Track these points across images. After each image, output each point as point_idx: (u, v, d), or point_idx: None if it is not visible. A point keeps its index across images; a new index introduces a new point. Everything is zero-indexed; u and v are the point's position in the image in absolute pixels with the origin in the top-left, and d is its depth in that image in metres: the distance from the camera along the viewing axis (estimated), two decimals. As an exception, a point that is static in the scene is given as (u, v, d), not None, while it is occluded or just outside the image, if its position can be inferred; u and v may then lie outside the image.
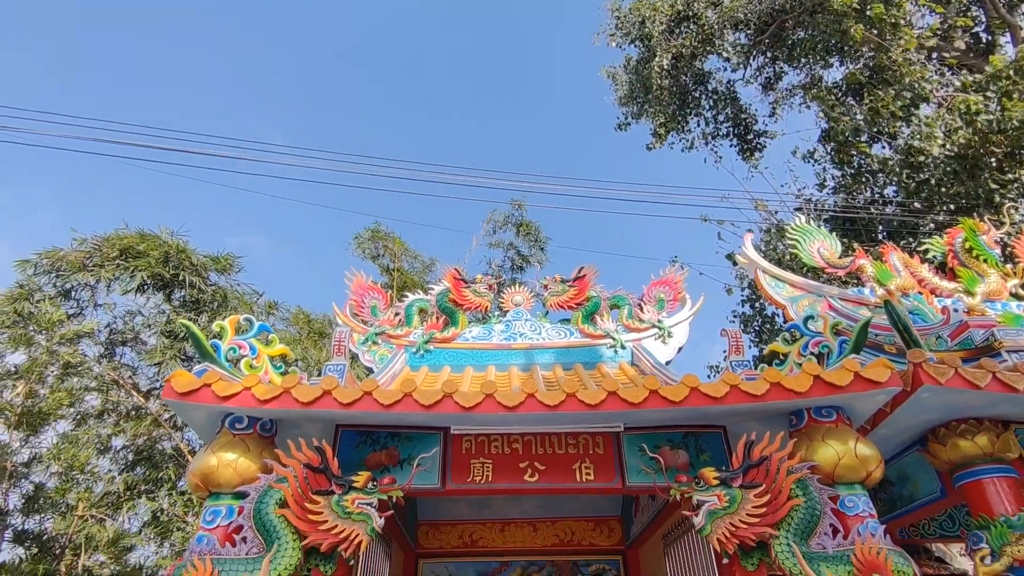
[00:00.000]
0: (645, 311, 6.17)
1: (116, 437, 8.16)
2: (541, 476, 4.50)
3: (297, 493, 3.59)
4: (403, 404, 3.82)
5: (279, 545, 3.46)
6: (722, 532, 3.57)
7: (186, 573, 3.28)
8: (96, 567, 4.95)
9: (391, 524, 5.83)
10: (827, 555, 3.41)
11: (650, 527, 6.35)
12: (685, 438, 4.56)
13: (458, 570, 7.43)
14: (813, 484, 3.65)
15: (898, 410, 4.04)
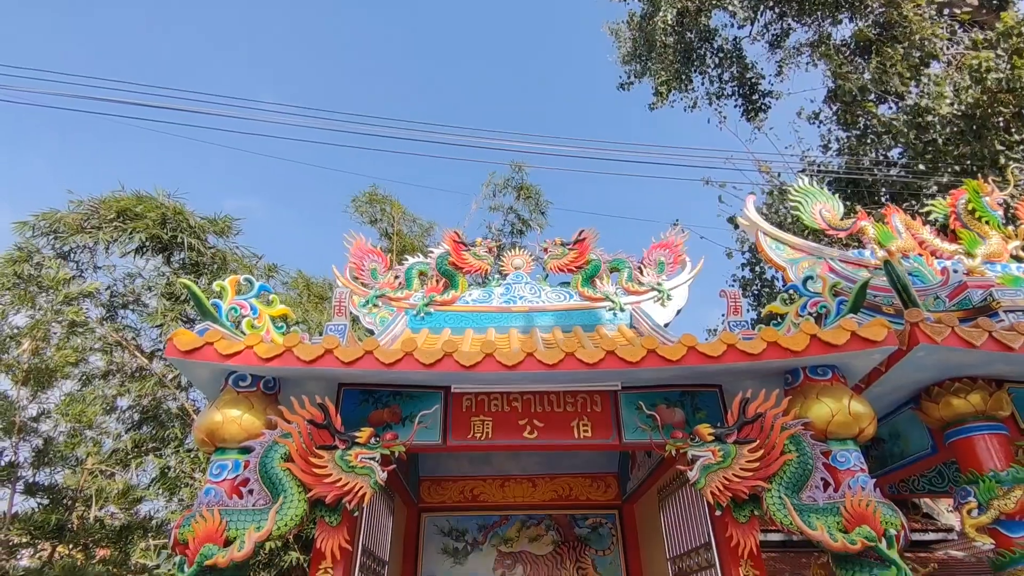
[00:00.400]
0: (645, 274, 6.17)
1: (122, 397, 8.29)
2: (540, 433, 4.60)
3: (301, 448, 3.67)
4: (404, 363, 3.87)
5: (285, 497, 3.56)
6: (715, 485, 3.67)
7: (195, 523, 3.38)
8: (107, 518, 5.11)
9: (393, 479, 5.98)
10: (817, 507, 3.51)
11: (646, 483, 6.52)
12: (682, 396, 4.63)
13: (459, 523, 7.66)
14: (806, 440, 3.73)
15: (893, 369, 4.09)
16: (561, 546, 7.50)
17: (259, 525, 3.43)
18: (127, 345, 8.61)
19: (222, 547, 3.33)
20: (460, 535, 7.61)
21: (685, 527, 5.02)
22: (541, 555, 7.44)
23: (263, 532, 3.40)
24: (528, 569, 7.35)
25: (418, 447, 4.52)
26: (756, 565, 4.09)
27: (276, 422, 3.77)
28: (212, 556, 3.28)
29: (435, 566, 7.36)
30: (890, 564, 3.26)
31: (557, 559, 7.41)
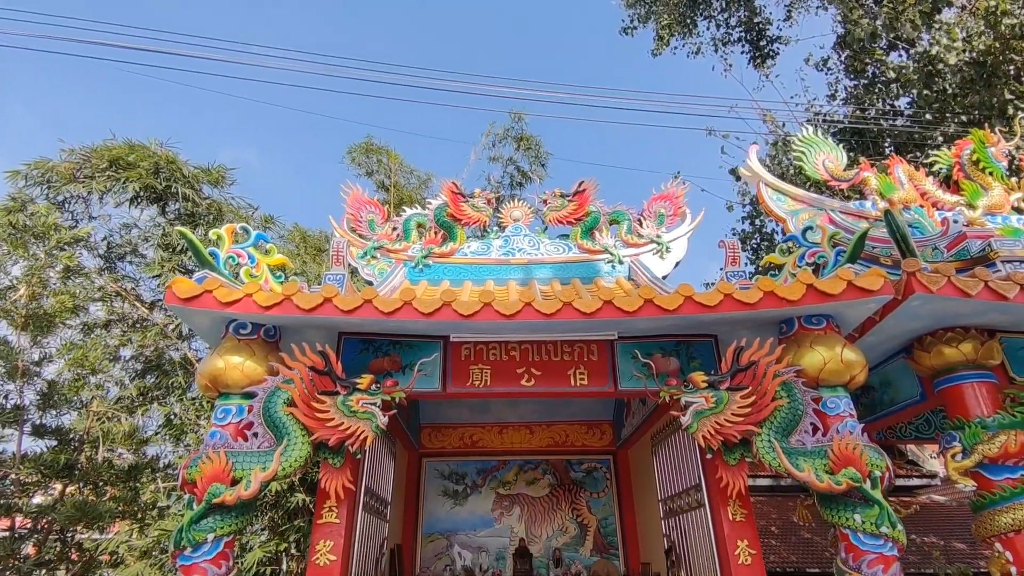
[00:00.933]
0: (644, 226, 6.13)
1: (124, 347, 8.39)
2: (537, 381, 4.68)
3: (304, 394, 3.74)
4: (403, 312, 3.90)
5: (289, 440, 3.66)
6: (707, 430, 3.77)
7: (202, 464, 3.49)
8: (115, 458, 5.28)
9: (395, 426, 6.14)
10: (805, 450, 3.63)
11: (640, 430, 6.70)
12: (677, 346, 4.70)
13: (459, 468, 7.93)
14: (797, 387, 3.81)
15: (887, 318, 4.13)
16: (557, 489, 7.79)
17: (264, 466, 3.54)
18: (127, 295, 8.64)
19: (229, 486, 3.45)
20: (460, 478, 7.88)
21: (676, 470, 5.19)
22: (538, 497, 7.73)
23: (269, 472, 3.51)
24: (525, 510, 7.65)
25: (418, 394, 4.61)
26: (744, 505, 4.26)
27: (278, 369, 3.83)
28: (220, 494, 3.39)
29: (436, 507, 7.66)
30: (873, 503, 3.40)
31: (553, 501, 7.70)
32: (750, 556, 4.07)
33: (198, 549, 3.39)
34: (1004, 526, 3.82)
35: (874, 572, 3.31)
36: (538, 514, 7.62)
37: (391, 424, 5.89)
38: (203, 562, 3.37)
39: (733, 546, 4.10)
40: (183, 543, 3.37)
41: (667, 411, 5.63)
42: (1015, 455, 3.85)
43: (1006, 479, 3.88)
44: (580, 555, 7.31)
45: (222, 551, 3.44)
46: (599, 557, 7.29)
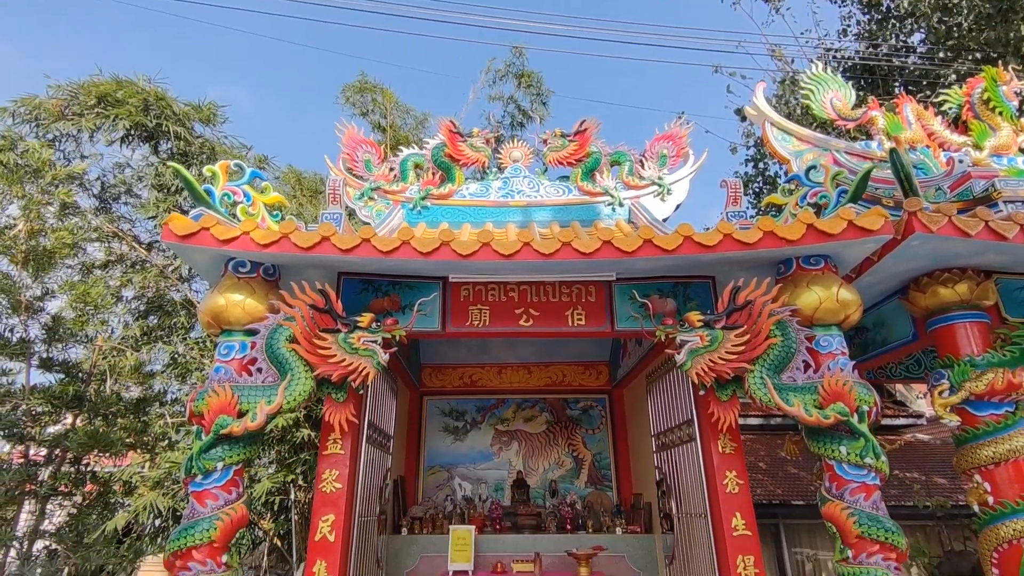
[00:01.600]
0: (646, 167, 6.03)
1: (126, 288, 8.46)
2: (535, 321, 4.74)
3: (305, 331, 3.79)
4: (402, 251, 3.89)
5: (292, 375, 3.74)
6: (701, 367, 3.85)
7: (209, 397, 3.58)
8: (123, 390, 5.42)
9: (396, 364, 6.27)
10: (796, 386, 3.72)
11: (635, 370, 6.85)
12: (675, 287, 4.73)
13: (459, 405, 8.16)
14: (792, 325, 3.87)
15: (886, 258, 4.14)
16: (554, 425, 8.04)
17: (269, 399, 3.64)
18: (124, 236, 8.61)
19: (236, 418, 3.55)
20: (460, 415, 8.12)
21: (669, 407, 5.34)
22: (535, 433, 7.99)
23: (274, 406, 3.61)
24: (523, 445, 7.93)
25: (418, 333, 4.68)
26: (733, 438, 4.42)
27: (278, 307, 3.87)
28: (227, 426, 3.50)
29: (437, 442, 7.93)
30: (859, 436, 3.52)
31: (550, 436, 7.97)
32: (737, 486, 4.26)
33: (208, 476, 3.53)
34: (984, 459, 3.98)
35: (855, 500, 3.47)
36: (535, 449, 7.90)
37: (392, 363, 6.01)
38: (214, 488, 3.52)
39: (722, 476, 4.28)
40: (194, 471, 3.51)
41: (662, 351, 5.73)
42: (1001, 392, 3.96)
43: (990, 415, 4.00)
44: (575, 487, 7.63)
45: (232, 479, 3.59)
46: (593, 489, 7.62)
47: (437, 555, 6.30)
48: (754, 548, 4.08)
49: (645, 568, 6.30)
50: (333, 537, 4.08)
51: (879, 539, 3.35)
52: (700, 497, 4.51)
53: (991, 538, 3.89)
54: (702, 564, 4.49)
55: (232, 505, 3.52)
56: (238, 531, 3.54)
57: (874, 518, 3.40)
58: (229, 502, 3.52)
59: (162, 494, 6.25)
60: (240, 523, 3.52)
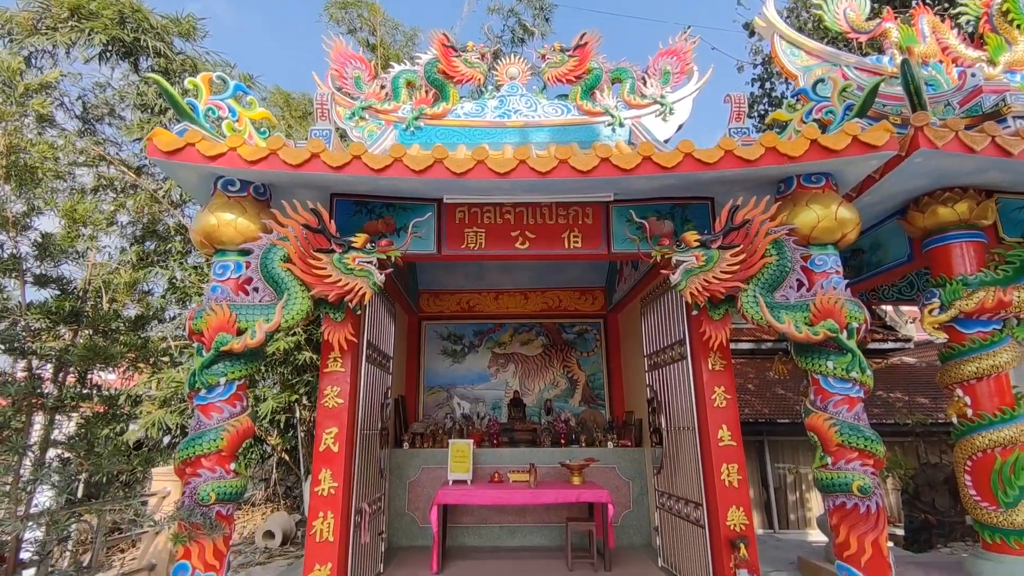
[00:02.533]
0: (648, 85, 5.79)
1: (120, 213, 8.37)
2: (531, 244, 4.72)
3: (299, 251, 3.77)
4: (394, 169, 3.80)
5: (289, 294, 3.76)
6: (695, 287, 3.88)
7: (207, 315, 3.62)
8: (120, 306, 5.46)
9: (393, 289, 6.32)
10: (788, 304, 3.76)
11: (630, 294, 6.91)
12: (672, 209, 4.68)
13: (457, 330, 8.30)
14: (788, 245, 3.85)
15: (888, 176, 4.07)
16: (550, 349, 8.22)
17: (267, 318, 3.68)
18: (111, 160, 8.40)
19: (235, 336, 3.61)
20: (458, 339, 8.29)
21: (662, 328, 5.44)
22: (531, 356, 8.19)
23: (272, 324, 3.65)
24: (519, 367, 8.15)
25: (413, 256, 4.67)
26: (723, 356, 4.52)
27: (271, 226, 3.83)
28: (227, 343, 3.56)
29: (436, 364, 8.14)
30: (847, 351, 3.60)
31: (546, 359, 8.17)
32: (725, 400, 4.41)
33: (212, 391, 3.63)
34: (967, 374, 4.10)
35: (838, 411, 3.60)
36: (531, 371, 8.13)
37: (390, 287, 6.05)
38: (218, 402, 3.63)
39: (710, 391, 4.42)
40: (197, 385, 3.60)
41: (658, 275, 5.76)
42: (990, 310, 4.01)
43: (977, 332, 4.08)
44: (569, 405, 7.92)
45: (235, 393, 3.69)
46: (587, 407, 7.91)
47: (438, 467, 6.63)
48: (738, 457, 4.28)
49: (634, 478, 6.65)
50: (337, 448, 4.26)
51: (858, 447, 3.50)
52: (689, 412, 4.68)
53: (966, 448, 4.08)
54: (688, 473, 4.73)
55: (237, 417, 3.64)
56: (244, 441, 3.68)
57: (855, 428, 3.55)
58: (234, 415, 3.64)
59: (169, 411, 6.49)
60: (246, 434, 3.66)
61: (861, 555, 3.42)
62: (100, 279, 4.61)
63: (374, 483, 5.15)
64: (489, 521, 6.55)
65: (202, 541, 3.43)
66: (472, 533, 6.53)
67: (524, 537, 6.49)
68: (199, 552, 3.43)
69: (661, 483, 5.49)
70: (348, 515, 4.29)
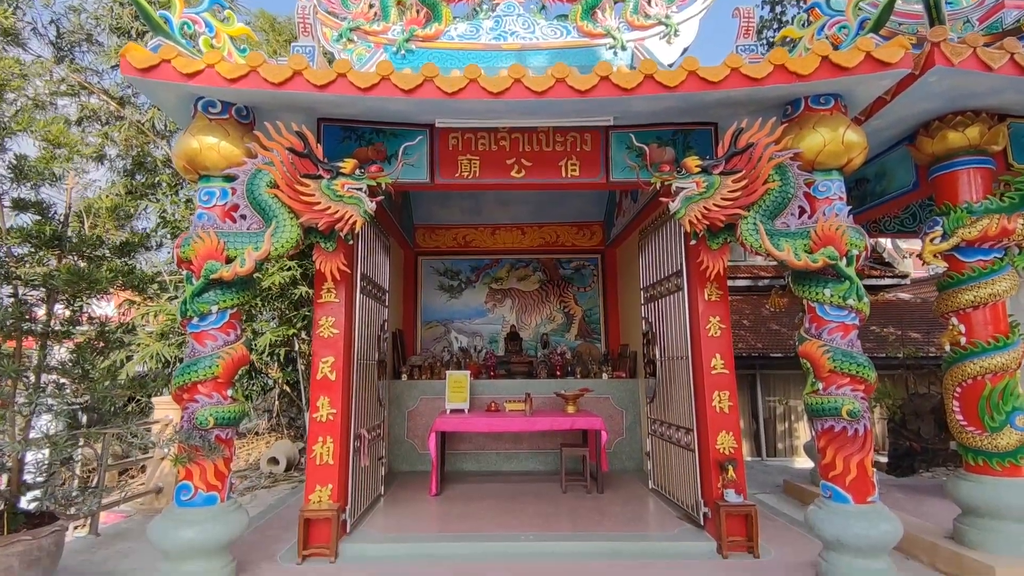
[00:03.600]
0: (652, 4, 5.44)
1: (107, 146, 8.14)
2: (528, 172, 4.58)
3: (286, 176, 3.65)
4: (382, 88, 3.62)
5: (277, 222, 3.67)
6: (695, 215, 3.78)
7: (195, 243, 3.54)
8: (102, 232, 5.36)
9: (388, 223, 6.21)
10: (788, 232, 3.68)
11: (628, 228, 6.82)
12: (674, 136, 4.51)
13: (453, 265, 8.26)
14: (792, 170, 3.73)
15: (899, 97, 3.89)
16: (547, 284, 8.21)
17: (256, 246, 3.60)
18: (92, 88, 8.08)
19: (224, 263, 3.55)
20: (455, 275, 8.26)
21: (659, 260, 5.38)
22: (528, 291, 8.19)
23: (261, 252, 3.58)
24: (516, 302, 8.16)
25: (406, 184, 4.54)
26: (720, 287, 4.50)
27: (255, 150, 3.68)
28: (216, 271, 3.51)
29: (433, 299, 8.15)
30: (845, 279, 3.55)
31: (543, 294, 8.17)
32: (720, 330, 4.42)
33: (205, 319, 3.61)
34: (964, 303, 4.08)
35: (832, 338, 3.60)
36: (528, 306, 8.15)
37: (384, 220, 5.94)
38: (212, 330, 3.62)
39: (705, 321, 4.42)
40: (189, 313, 3.58)
41: (657, 207, 5.65)
42: (993, 238, 3.94)
43: (978, 260, 4.02)
44: (566, 339, 7.99)
45: (228, 321, 3.67)
46: (583, 341, 7.99)
47: (436, 397, 6.76)
48: (730, 385, 4.34)
49: (627, 408, 6.80)
50: (334, 376, 4.30)
51: (850, 372, 3.52)
52: (683, 342, 4.70)
53: (956, 375, 4.12)
54: (680, 401, 4.82)
55: (231, 345, 3.64)
56: (240, 369, 3.70)
57: (848, 354, 3.56)
58: (228, 343, 3.64)
59: (167, 344, 6.54)
60: (241, 362, 3.67)
61: (846, 475, 3.51)
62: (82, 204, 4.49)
63: (373, 411, 5.25)
64: (486, 448, 6.75)
65: (202, 463, 3.51)
66: (470, 459, 6.74)
67: (520, 463, 6.71)
68: (200, 473, 3.52)
69: (654, 411, 5.60)
70: (347, 440, 4.39)
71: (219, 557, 3.53)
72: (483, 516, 4.82)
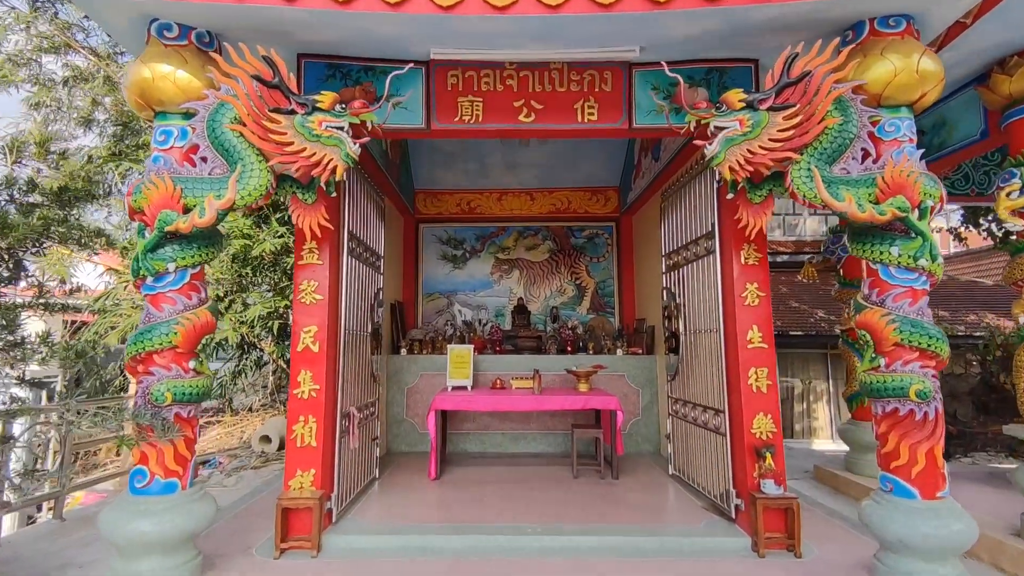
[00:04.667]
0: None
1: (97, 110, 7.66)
2: (538, 116, 4.00)
3: (252, 110, 3.09)
4: (362, 1, 3.04)
5: (243, 165, 3.12)
6: (736, 159, 3.19)
7: (147, 190, 3.02)
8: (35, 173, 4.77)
9: (384, 184, 5.64)
10: (850, 179, 3.09)
11: (648, 190, 6.22)
12: (708, 74, 3.91)
13: (457, 233, 7.70)
14: (854, 105, 3.13)
15: (980, 22, 3.29)
16: (557, 254, 7.64)
17: (219, 194, 3.07)
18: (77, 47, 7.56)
19: (181, 213, 3.02)
20: (458, 244, 7.70)
21: (686, 223, 4.80)
22: (537, 261, 7.63)
23: (224, 200, 3.04)
24: (524, 273, 7.61)
25: (398, 131, 3.97)
26: (759, 248, 3.92)
27: (218, 80, 3.12)
28: (171, 222, 2.98)
29: (435, 270, 7.61)
30: (916, 235, 2.98)
31: (552, 265, 7.61)
32: (758, 298, 3.86)
33: (161, 279, 3.10)
34: (1043, 268, 3.50)
35: (899, 305, 3.04)
36: (537, 277, 7.60)
37: (379, 180, 5.38)
38: (170, 292, 3.10)
39: (741, 288, 3.86)
40: (142, 271, 3.07)
41: (684, 162, 5.05)
42: (1085, 190, 3.35)
43: (1063, 217, 3.44)
44: (577, 313, 7.45)
45: (189, 283, 3.16)
46: (595, 315, 7.45)
47: (437, 374, 6.27)
48: (768, 361, 3.80)
49: (644, 386, 6.28)
50: (317, 348, 3.80)
51: (919, 346, 2.97)
52: (714, 312, 4.15)
53: (1031, 351, 3.56)
54: (708, 379, 4.28)
55: (193, 311, 3.13)
56: (203, 337, 3.19)
57: (917, 324, 3.00)
58: (189, 307, 3.13)
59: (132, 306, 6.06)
60: (205, 330, 3.17)
61: (912, 466, 2.98)
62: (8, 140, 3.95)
63: (366, 387, 4.76)
64: (491, 428, 6.28)
65: (159, 445, 3.03)
66: (474, 440, 6.28)
67: (527, 444, 6.24)
68: (157, 457, 3.04)
69: (675, 390, 5.08)
70: (333, 419, 3.90)
71: (181, 552, 3.07)
72: (486, 504, 4.35)
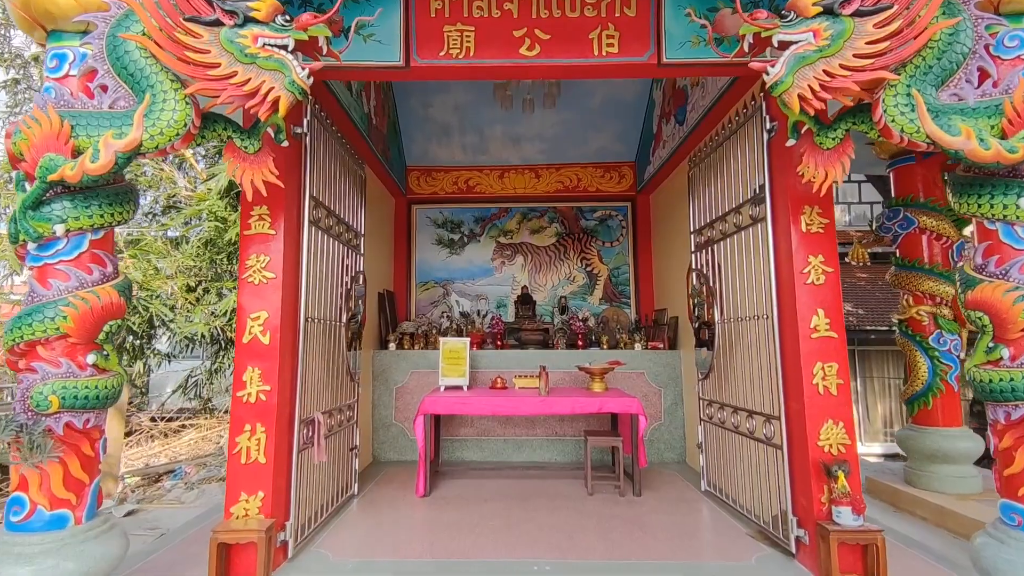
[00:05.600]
0: None
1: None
2: (544, 49, 3.22)
3: (160, 18, 2.33)
4: None
5: (153, 94, 2.36)
6: (808, 84, 2.40)
7: (27, 129, 2.27)
8: None
9: (366, 152, 4.87)
10: (965, 107, 2.30)
11: (671, 161, 5.42)
12: (755, -2, 3.11)
13: (454, 215, 6.92)
14: (969, 11, 2.34)
15: None
16: (565, 238, 6.85)
17: (120, 132, 2.31)
18: None
19: (70, 157, 2.27)
20: (455, 227, 6.93)
21: (722, 191, 4.00)
22: (543, 246, 6.84)
23: (127, 140, 2.29)
24: (529, 259, 6.82)
25: (368, 70, 3.20)
26: (825, 212, 3.11)
27: (119, -18, 2.36)
28: (56, 168, 2.23)
29: (430, 256, 6.85)
30: (1062, 179, 2.19)
31: (560, 250, 6.82)
32: (824, 274, 3.06)
33: (48, 247, 2.36)
34: None
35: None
36: (543, 264, 6.81)
37: (359, 146, 4.59)
38: (60, 264, 2.36)
39: (802, 262, 3.06)
40: (21, 235, 2.32)
41: (717, 120, 4.25)
42: None
43: None
44: (588, 303, 6.66)
45: (88, 251, 2.41)
46: (609, 305, 6.65)
47: (430, 371, 5.51)
48: (839, 354, 2.99)
49: (667, 385, 5.48)
50: (268, 339, 3.04)
51: (1066, 332, 2.18)
52: (763, 295, 3.36)
53: None
54: (755, 377, 3.49)
55: (91, 288, 2.38)
56: (108, 323, 2.44)
57: (1062, 303, 2.20)
58: (86, 284, 2.38)
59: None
60: (109, 313, 2.42)
61: (1056, 495, 2.19)
62: None
63: (340, 388, 4.00)
64: (492, 433, 5.51)
65: (42, 467, 2.28)
66: (471, 447, 5.50)
67: (533, 452, 5.46)
68: (41, 481, 2.30)
69: (709, 391, 4.29)
70: (290, 429, 3.14)
71: (73, 608, 2.32)
72: (482, 530, 3.57)
